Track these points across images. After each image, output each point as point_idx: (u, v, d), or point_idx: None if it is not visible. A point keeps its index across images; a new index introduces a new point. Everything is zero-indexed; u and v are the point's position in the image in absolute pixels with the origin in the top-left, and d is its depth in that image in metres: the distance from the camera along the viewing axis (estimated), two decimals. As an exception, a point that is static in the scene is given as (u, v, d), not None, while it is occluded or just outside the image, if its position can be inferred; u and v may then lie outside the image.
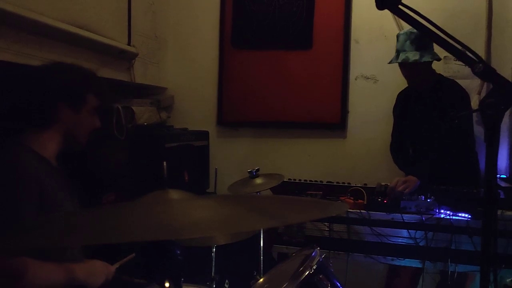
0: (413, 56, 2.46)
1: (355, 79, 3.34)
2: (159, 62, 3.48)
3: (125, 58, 2.99)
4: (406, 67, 2.57)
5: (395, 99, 2.90)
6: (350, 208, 2.30)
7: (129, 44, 3.00)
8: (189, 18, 3.61)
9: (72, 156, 1.95)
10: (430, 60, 2.50)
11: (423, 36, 2.44)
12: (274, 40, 3.41)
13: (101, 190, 2.58)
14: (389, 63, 2.65)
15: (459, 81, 2.70)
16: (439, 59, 2.54)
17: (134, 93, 3.25)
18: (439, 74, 2.69)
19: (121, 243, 0.68)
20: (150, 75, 3.36)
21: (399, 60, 2.52)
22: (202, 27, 3.59)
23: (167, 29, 3.58)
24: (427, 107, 2.64)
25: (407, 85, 2.85)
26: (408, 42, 2.49)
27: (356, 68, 3.33)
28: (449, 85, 2.64)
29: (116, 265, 1.71)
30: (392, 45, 3.26)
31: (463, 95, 2.61)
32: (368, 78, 3.32)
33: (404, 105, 2.80)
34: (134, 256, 1.75)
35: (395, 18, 3.18)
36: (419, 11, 1.18)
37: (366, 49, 3.31)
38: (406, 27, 3.06)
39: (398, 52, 2.56)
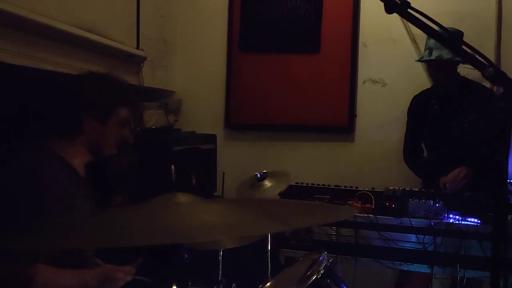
0: (447, 54, 2.44)
1: (363, 83, 3.33)
2: (167, 65, 3.50)
3: (133, 61, 3.01)
4: (435, 66, 2.56)
5: (403, 103, 2.88)
6: (357, 212, 2.29)
7: (137, 47, 3.01)
8: (197, 22, 3.63)
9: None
10: (462, 61, 2.48)
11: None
12: (282, 43, 3.41)
13: (109, 193, 2.59)
14: (419, 60, 2.61)
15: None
16: None
17: (142, 97, 3.26)
18: (463, 76, 2.66)
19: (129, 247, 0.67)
20: (158, 78, 3.37)
21: (433, 57, 2.48)
22: (210, 30, 3.60)
23: (175, 33, 3.60)
24: (451, 109, 2.62)
25: (415, 88, 2.84)
26: None
27: (364, 71, 3.32)
28: (475, 87, 2.61)
29: (138, 262, 1.68)
30: (401, 48, 3.26)
31: (490, 97, 2.58)
32: (376, 82, 3.31)
33: (422, 108, 2.77)
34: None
35: (403, 22, 3.16)
36: (428, 15, 1.17)
37: (374, 53, 3.30)
38: (415, 30, 3.05)
39: (430, 49, 2.51)
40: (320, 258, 1.55)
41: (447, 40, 1.25)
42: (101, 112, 1.60)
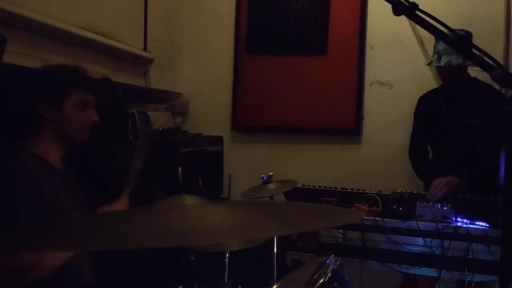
0: (456, 60, 2.43)
1: (370, 85, 3.32)
2: (174, 67, 3.51)
3: (141, 63, 3.02)
4: (444, 70, 2.55)
5: (410, 105, 2.87)
6: (364, 215, 2.28)
7: (145, 49, 3.02)
8: (204, 24, 3.64)
9: (87, 160, 1.97)
10: (473, 65, 2.46)
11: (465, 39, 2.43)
12: (289, 45, 3.41)
13: (116, 194, 2.59)
14: (428, 65, 2.60)
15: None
16: None
17: (149, 98, 3.28)
18: (474, 77, 2.64)
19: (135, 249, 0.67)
20: (166, 80, 3.38)
21: (442, 64, 2.47)
22: (217, 32, 3.61)
23: (182, 35, 3.61)
24: (459, 110, 2.60)
25: (422, 90, 2.83)
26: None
27: (371, 74, 3.31)
28: (484, 89, 2.60)
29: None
30: (408, 50, 3.24)
31: (499, 100, 2.57)
32: (383, 84, 3.29)
33: (429, 109, 2.75)
34: None
35: (411, 24, 3.15)
36: (436, 17, 1.17)
37: (381, 55, 3.29)
38: (423, 32, 3.04)
39: (439, 54, 2.50)
40: (327, 261, 1.55)
41: (455, 43, 1.25)
42: (53, 97, 1.60)
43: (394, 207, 2.31)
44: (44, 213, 1.46)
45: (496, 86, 2.58)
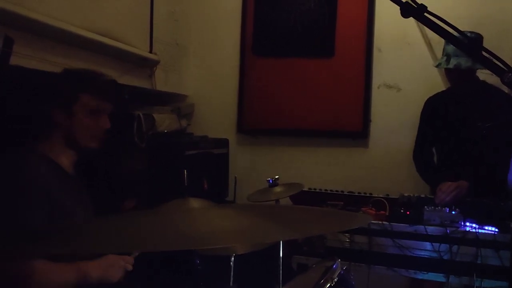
0: (465, 62, 2.42)
1: (378, 88, 3.30)
2: (180, 69, 3.51)
3: (146, 65, 3.02)
4: (454, 72, 2.54)
5: (418, 108, 2.84)
6: (372, 219, 2.26)
7: (150, 51, 3.03)
8: (210, 26, 3.63)
9: (93, 162, 1.96)
10: (482, 68, 2.45)
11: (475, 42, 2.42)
12: (296, 47, 3.39)
13: (121, 196, 2.59)
14: (437, 67, 2.60)
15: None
16: None
17: (155, 101, 3.28)
18: (482, 80, 2.62)
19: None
20: (171, 82, 3.38)
21: (451, 66, 2.46)
22: (223, 34, 3.61)
23: (188, 37, 3.61)
24: (466, 113, 2.58)
25: (431, 93, 2.81)
26: None
27: (379, 76, 3.29)
28: (493, 92, 2.58)
29: (135, 254, 1.65)
30: (416, 52, 3.21)
31: (509, 102, 2.54)
32: (391, 87, 3.27)
33: (436, 111, 2.74)
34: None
35: (418, 26, 3.13)
36: (445, 18, 1.15)
37: (389, 57, 3.26)
38: (431, 34, 3.02)
39: (448, 56, 2.50)
40: (334, 266, 1.54)
41: (464, 45, 1.23)
42: (62, 100, 1.59)
43: (402, 211, 2.29)
44: (51, 216, 1.46)
45: (505, 89, 2.55)
